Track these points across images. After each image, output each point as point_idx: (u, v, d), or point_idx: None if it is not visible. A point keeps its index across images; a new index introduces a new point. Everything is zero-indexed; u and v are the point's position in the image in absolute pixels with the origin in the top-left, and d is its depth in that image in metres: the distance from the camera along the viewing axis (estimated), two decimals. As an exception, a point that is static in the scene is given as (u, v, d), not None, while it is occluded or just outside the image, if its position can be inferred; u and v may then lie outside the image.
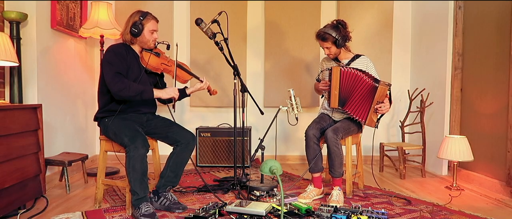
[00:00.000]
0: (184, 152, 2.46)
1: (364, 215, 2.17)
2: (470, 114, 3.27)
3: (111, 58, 2.32)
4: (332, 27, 2.66)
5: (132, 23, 2.38)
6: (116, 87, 2.26)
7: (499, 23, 2.91)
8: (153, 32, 2.44)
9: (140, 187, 2.21)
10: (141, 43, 2.45)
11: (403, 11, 4.11)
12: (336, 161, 2.61)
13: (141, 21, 2.38)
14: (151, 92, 2.34)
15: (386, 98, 2.60)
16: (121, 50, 2.38)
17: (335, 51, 2.71)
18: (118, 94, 2.29)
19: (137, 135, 2.24)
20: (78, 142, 3.63)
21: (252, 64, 4.11)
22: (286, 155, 4.17)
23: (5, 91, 2.83)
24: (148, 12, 2.44)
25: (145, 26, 2.40)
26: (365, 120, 2.65)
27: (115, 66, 2.30)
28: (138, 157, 2.18)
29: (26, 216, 2.27)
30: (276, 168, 2.28)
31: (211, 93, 2.74)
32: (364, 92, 2.61)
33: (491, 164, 2.99)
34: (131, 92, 2.28)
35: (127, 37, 2.42)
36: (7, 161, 2.11)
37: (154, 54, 2.48)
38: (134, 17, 2.41)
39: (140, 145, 2.19)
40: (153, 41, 2.46)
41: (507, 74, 2.80)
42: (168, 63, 2.54)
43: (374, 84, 2.58)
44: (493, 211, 2.48)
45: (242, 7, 4.01)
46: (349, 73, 2.62)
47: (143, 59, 2.45)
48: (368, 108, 2.63)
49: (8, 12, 2.70)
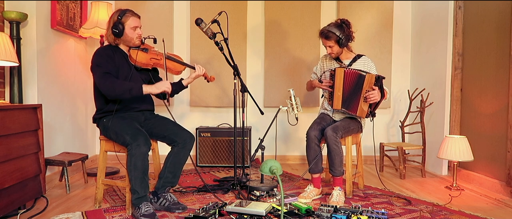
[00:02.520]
0: (181, 152, 2.45)
1: (364, 215, 2.17)
2: (470, 114, 3.27)
3: (97, 60, 2.32)
4: (336, 26, 2.65)
5: (112, 23, 2.36)
6: (105, 87, 2.26)
7: (499, 23, 2.91)
8: (136, 28, 2.41)
9: (140, 186, 2.21)
10: (126, 42, 2.43)
11: (403, 11, 4.11)
12: (336, 160, 2.61)
13: (120, 20, 2.35)
14: (140, 89, 2.30)
15: (375, 87, 2.56)
16: (107, 51, 2.37)
17: (337, 50, 2.71)
18: (108, 94, 2.29)
19: (139, 133, 2.24)
20: (78, 142, 3.63)
21: (252, 64, 4.11)
22: (286, 155, 4.17)
23: (5, 91, 2.83)
24: (127, 10, 2.40)
25: (126, 24, 2.37)
26: (357, 111, 2.64)
27: (103, 67, 2.29)
28: (140, 155, 2.18)
29: (26, 216, 2.27)
30: (276, 168, 2.28)
31: (209, 80, 2.70)
32: (356, 85, 2.60)
33: (491, 164, 2.99)
34: (118, 91, 2.26)
35: (111, 39, 2.41)
36: (7, 161, 2.11)
37: (141, 51, 2.46)
38: (114, 17, 2.38)
39: (142, 143, 2.18)
40: (138, 37, 2.43)
41: (507, 74, 2.80)
42: (157, 57, 2.49)
43: (361, 73, 2.58)
44: (493, 211, 2.48)
45: (242, 7, 4.01)
46: (353, 74, 2.62)
47: (131, 57, 2.43)
48: (358, 98, 2.62)
49: (8, 12, 2.70)
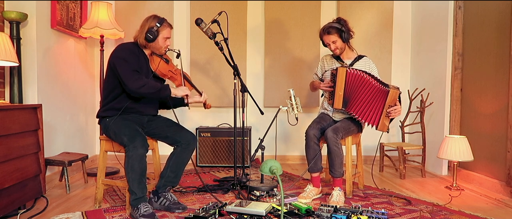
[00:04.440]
0: (184, 153, 2.47)
1: (364, 215, 2.17)
2: (470, 114, 3.27)
3: (126, 55, 2.33)
4: (334, 23, 2.71)
5: (148, 28, 2.38)
6: (136, 84, 2.27)
7: (499, 23, 2.91)
8: (167, 39, 2.45)
9: (138, 187, 2.21)
10: (153, 49, 2.46)
11: (403, 11, 4.11)
12: (336, 161, 2.60)
13: (157, 28, 2.38)
14: (169, 90, 2.37)
15: (397, 102, 2.59)
16: (134, 49, 2.40)
17: (341, 45, 2.72)
18: (136, 91, 2.29)
19: (137, 135, 2.24)
20: (78, 142, 3.63)
21: (252, 64, 4.11)
22: (286, 155, 4.17)
23: (5, 91, 2.84)
24: (164, 19, 2.44)
25: (160, 33, 2.40)
26: (377, 125, 2.63)
27: (130, 63, 2.31)
28: (137, 157, 2.19)
29: (26, 216, 2.27)
30: (276, 168, 2.28)
31: (206, 107, 2.76)
32: (373, 96, 2.60)
33: (491, 164, 2.99)
34: (151, 89, 2.31)
35: (142, 41, 2.42)
36: (7, 161, 2.11)
37: (164, 61, 2.51)
38: (151, 22, 2.39)
39: (139, 145, 2.19)
40: (165, 48, 2.48)
41: (507, 74, 2.80)
42: (174, 72, 2.57)
43: (384, 88, 2.57)
44: (493, 211, 2.48)
45: (242, 7, 4.01)
46: (355, 75, 2.61)
47: (153, 63, 2.46)
48: (379, 113, 2.61)
49: (8, 12, 2.71)
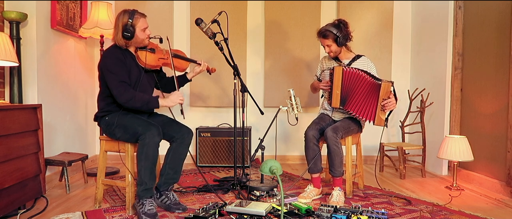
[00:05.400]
0: (180, 147, 2.45)
1: (364, 215, 2.17)
2: (470, 114, 3.27)
3: (111, 66, 2.28)
4: (333, 26, 2.68)
5: (122, 27, 2.30)
6: (123, 98, 2.26)
7: (499, 23, 2.91)
8: (145, 29, 2.38)
9: (149, 177, 2.21)
10: (136, 43, 2.40)
11: (403, 11, 4.11)
12: (336, 160, 2.61)
13: (131, 23, 2.30)
14: (157, 103, 2.32)
15: (391, 95, 2.59)
16: (118, 55, 2.32)
17: (335, 49, 2.71)
18: (124, 104, 2.29)
19: (151, 124, 2.26)
20: (78, 142, 3.63)
21: (252, 64, 4.11)
22: (286, 155, 4.17)
23: (5, 91, 2.83)
24: (135, 10, 2.35)
25: (136, 26, 2.33)
26: (374, 120, 2.63)
27: (118, 75, 2.27)
28: (153, 144, 2.20)
29: (26, 216, 2.27)
30: (276, 168, 2.28)
31: (210, 72, 2.78)
32: (367, 91, 2.60)
33: (491, 164, 2.99)
34: (137, 104, 2.29)
35: (121, 42, 2.35)
36: (7, 161, 2.11)
37: (149, 52, 2.44)
38: (123, 19, 2.30)
39: (156, 133, 2.21)
40: (147, 38, 2.41)
41: (507, 74, 2.80)
42: (165, 56, 2.51)
43: (376, 82, 2.58)
44: (493, 211, 2.48)
45: (242, 7, 4.01)
46: (352, 73, 2.61)
47: (140, 60, 2.41)
48: (375, 107, 2.61)
49: (8, 12, 2.70)
